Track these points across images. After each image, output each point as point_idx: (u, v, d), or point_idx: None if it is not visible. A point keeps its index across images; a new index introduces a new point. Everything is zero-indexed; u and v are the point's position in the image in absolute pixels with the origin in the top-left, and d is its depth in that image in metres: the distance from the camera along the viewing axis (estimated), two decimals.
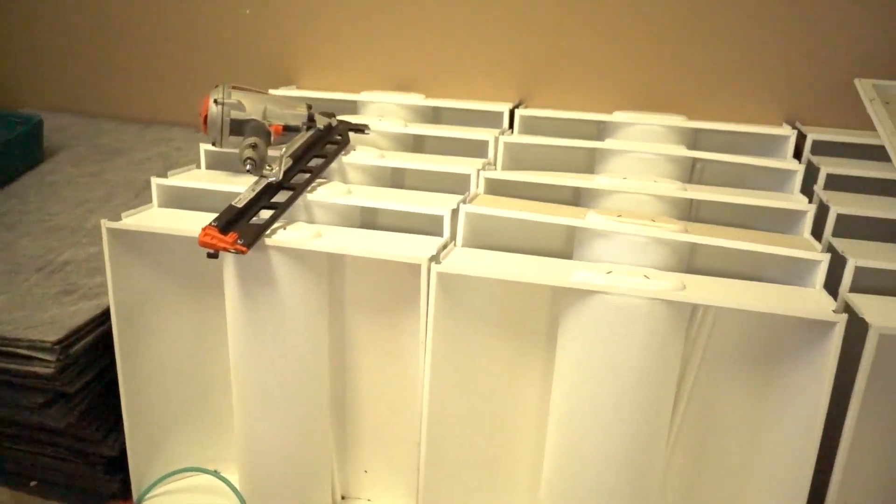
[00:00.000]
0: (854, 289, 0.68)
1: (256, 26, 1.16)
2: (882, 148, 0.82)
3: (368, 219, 0.83)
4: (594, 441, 0.67)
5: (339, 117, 0.92)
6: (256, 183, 0.75)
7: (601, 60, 1.05)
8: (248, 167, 0.76)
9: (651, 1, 1.00)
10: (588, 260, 0.74)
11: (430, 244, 0.71)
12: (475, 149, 0.92)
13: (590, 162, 0.94)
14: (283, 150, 0.79)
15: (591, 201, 0.83)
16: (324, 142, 0.86)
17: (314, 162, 0.83)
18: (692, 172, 0.92)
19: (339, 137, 0.87)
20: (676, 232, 0.70)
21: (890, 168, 0.80)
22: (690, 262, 0.76)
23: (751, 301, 0.63)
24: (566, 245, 0.78)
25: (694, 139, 0.98)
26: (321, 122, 0.87)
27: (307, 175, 0.80)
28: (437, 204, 0.76)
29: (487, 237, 0.77)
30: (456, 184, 0.84)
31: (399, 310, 0.76)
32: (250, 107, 0.84)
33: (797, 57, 0.98)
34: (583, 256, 0.74)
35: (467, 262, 0.70)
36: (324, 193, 0.78)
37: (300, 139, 0.83)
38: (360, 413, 0.82)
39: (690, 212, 0.84)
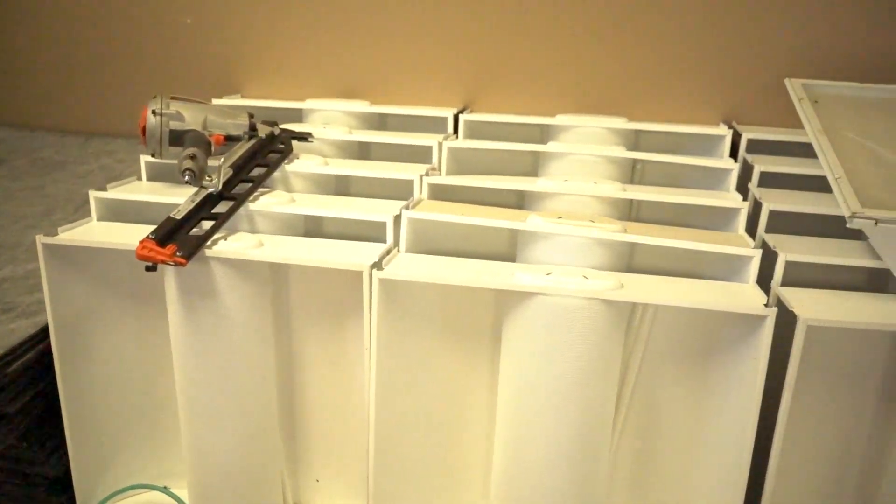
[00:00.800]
0: (786, 283, 0.70)
1: (199, 35, 1.15)
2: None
3: (313, 227, 0.83)
4: (539, 442, 0.68)
5: (282, 126, 0.91)
6: (196, 194, 0.74)
7: (545, 65, 1.06)
8: (186, 178, 0.75)
9: (592, 6, 1.02)
10: (531, 262, 0.74)
11: (373, 251, 0.72)
12: (420, 154, 0.92)
13: (535, 165, 0.95)
14: (223, 160, 0.78)
15: (534, 204, 0.84)
16: (266, 151, 0.85)
17: (256, 171, 0.82)
18: (633, 173, 0.94)
19: (281, 146, 0.87)
20: (615, 232, 0.71)
21: (819, 165, 0.82)
22: (631, 261, 0.77)
23: (685, 298, 0.65)
24: (510, 248, 0.79)
25: (635, 140, 1.00)
26: (263, 131, 0.87)
27: (249, 185, 0.79)
28: (380, 211, 0.76)
29: (432, 242, 0.78)
30: (400, 190, 0.85)
31: (344, 318, 0.76)
32: (190, 117, 0.83)
33: (733, 58, 1.01)
34: (526, 259, 0.75)
35: (410, 267, 0.70)
36: (266, 203, 0.78)
37: (241, 149, 0.82)
38: (310, 422, 0.82)
39: (631, 212, 0.86)
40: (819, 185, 0.81)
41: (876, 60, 0.98)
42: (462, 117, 0.99)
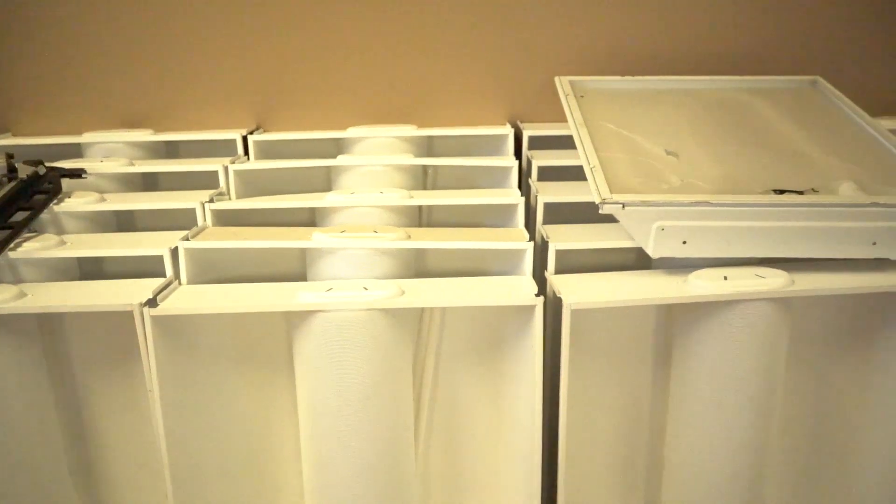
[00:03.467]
0: (561, 270, 0.75)
1: None
2: None
3: (92, 269, 0.78)
4: (341, 457, 0.68)
5: (52, 163, 0.86)
6: None
7: (337, 78, 1.06)
8: None
9: (376, 19, 1.04)
10: (321, 278, 0.74)
11: (149, 287, 0.68)
12: (208, 180, 0.90)
13: (329, 179, 0.95)
14: None
15: (326, 219, 0.84)
16: (30, 192, 0.79)
17: (19, 215, 0.76)
18: (427, 179, 0.96)
19: (48, 185, 0.81)
20: (395, 240, 0.73)
21: None
22: (421, 266, 0.79)
23: (459, 297, 0.67)
24: (303, 267, 0.78)
25: (429, 146, 1.03)
26: (24, 171, 0.81)
27: (8, 231, 0.73)
28: (159, 244, 0.73)
29: (219, 271, 0.76)
30: (187, 220, 0.82)
31: (130, 360, 0.72)
32: None
33: (513, 60, 1.06)
34: (316, 276, 0.75)
35: (188, 300, 0.68)
36: (30, 248, 0.72)
37: None
38: (110, 475, 0.77)
39: (422, 217, 0.88)
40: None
41: (639, 54, 1.07)
42: (251, 138, 0.97)
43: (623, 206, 0.69)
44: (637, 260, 0.80)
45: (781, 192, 0.76)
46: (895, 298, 0.73)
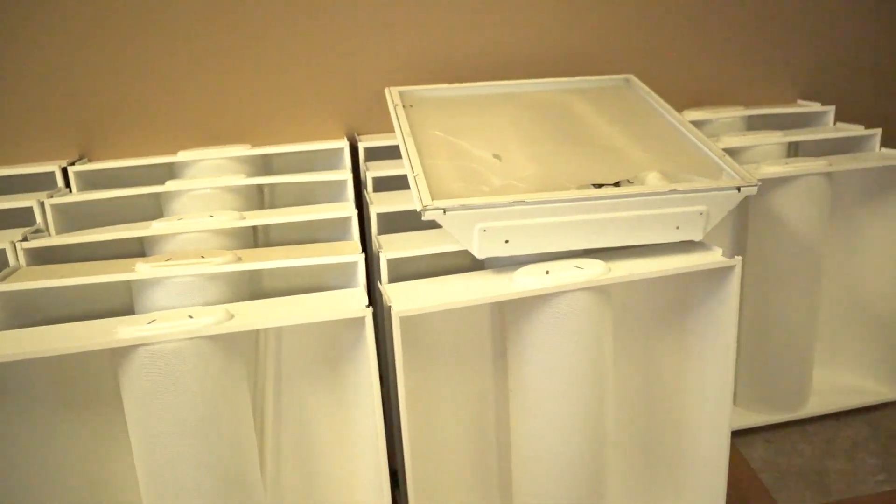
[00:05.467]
0: (396, 278, 0.76)
1: None
2: None
3: None
4: (181, 491, 0.65)
5: None
6: None
7: (165, 100, 1.03)
8: None
9: (205, 35, 1.01)
10: (150, 310, 0.72)
11: None
12: (24, 217, 0.85)
13: (161, 207, 0.92)
14: None
15: (154, 248, 0.81)
16: None
17: None
18: (264, 198, 0.95)
19: None
20: (222, 264, 0.71)
21: None
22: (257, 287, 0.78)
23: (290, 316, 0.66)
24: (132, 300, 0.75)
25: (267, 165, 1.01)
26: None
27: None
28: None
29: (43, 311, 0.72)
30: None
31: None
32: None
33: (348, 73, 1.07)
34: (144, 308, 0.73)
35: None
36: None
37: None
38: None
39: (258, 238, 0.87)
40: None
41: (468, 61, 1.10)
42: (71, 170, 0.92)
43: (444, 212, 0.71)
44: (474, 262, 0.83)
45: (600, 185, 0.81)
46: (702, 276, 0.80)
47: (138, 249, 0.84)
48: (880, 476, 0.96)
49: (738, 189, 0.78)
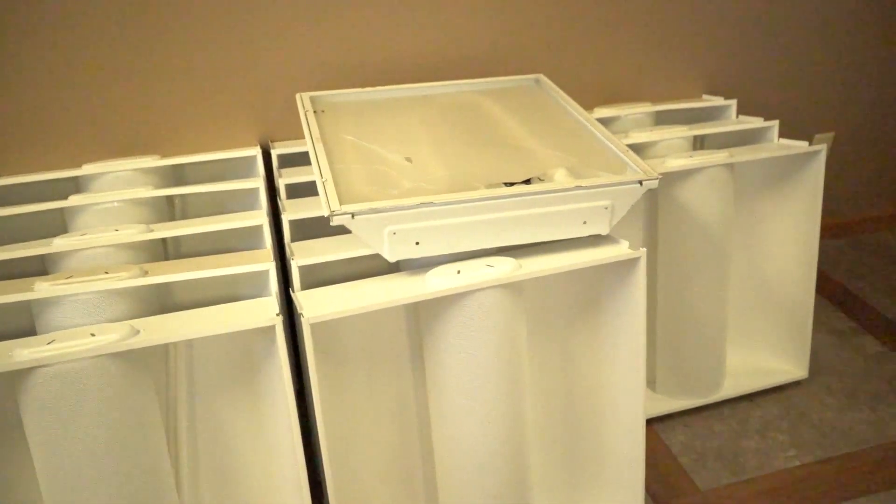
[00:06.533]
0: (310, 285, 0.76)
1: None
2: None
3: None
4: None
5: None
6: None
7: (68, 113, 1.00)
8: None
9: (101, 44, 0.99)
10: (52, 329, 0.70)
11: None
12: None
13: (66, 223, 0.89)
14: None
15: (57, 266, 0.78)
16: None
17: None
18: (174, 209, 0.93)
19: None
20: (126, 279, 0.70)
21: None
22: (168, 301, 0.77)
23: (197, 328, 0.65)
24: (33, 321, 0.73)
25: (178, 176, 0.99)
26: None
27: None
28: None
29: None
30: None
31: None
32: None
33: (259, 79, 1.05)
34: (46, 328, 0.70)
35: None
36: None
37: None
38: None
39: (169, 251, 0.85)
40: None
41: (382, 65, 1.11)
42: None
43: (353, 216, 0.71)
44: (390, 265, 0.83)
45: (511, 184, 0.82)
46: (611, 269, 0.82)
47: (40, 268, 0.81)
48: (790, 452, 1.01)
49: (640, 183, 0.81)
